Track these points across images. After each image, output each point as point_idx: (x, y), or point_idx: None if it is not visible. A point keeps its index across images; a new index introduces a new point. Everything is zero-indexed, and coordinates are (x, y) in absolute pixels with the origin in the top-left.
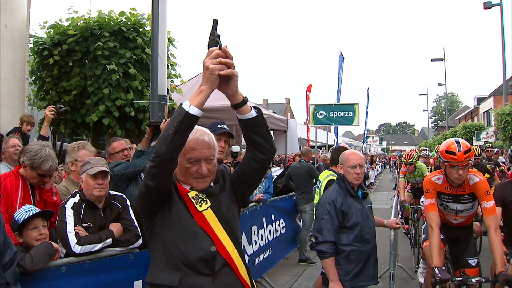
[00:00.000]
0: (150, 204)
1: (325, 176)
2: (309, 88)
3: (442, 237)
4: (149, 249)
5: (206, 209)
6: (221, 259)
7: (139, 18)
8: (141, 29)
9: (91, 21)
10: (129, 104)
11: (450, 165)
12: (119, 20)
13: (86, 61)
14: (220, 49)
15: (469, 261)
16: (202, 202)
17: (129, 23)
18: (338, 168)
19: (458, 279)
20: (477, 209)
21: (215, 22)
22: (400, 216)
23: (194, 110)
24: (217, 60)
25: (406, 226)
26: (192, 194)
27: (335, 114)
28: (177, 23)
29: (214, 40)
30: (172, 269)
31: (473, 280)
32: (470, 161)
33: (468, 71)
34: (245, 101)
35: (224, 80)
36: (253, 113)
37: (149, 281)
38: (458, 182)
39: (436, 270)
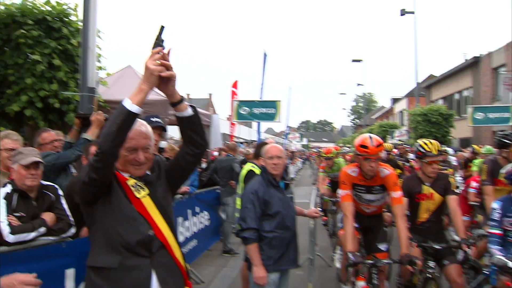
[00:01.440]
0: (92, 194)
1: (246, 168)
2: (235, 85)
3: (356, 225)
4: (90, 235)
5: (144, 196)
6: (158, 242)
7: (64, 7)
8: (66, 19)
9: (13, 7)
10: (53, 95)
11: (363, 158)
12: (43, 9)
13: (7, 49)
14: (161, 51)
15: (379, 247)
16: (140, 189)
17: (54, 12)
18: (260, 161)
19: (369, 262)
20: (388, 200)
21: (162, 28)
22: (319, 209)
23: (135, 108)
24: (158, 62)
25: (325, 217)
26: (131, 182)
27: (258, 110)
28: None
29: (158, 44)
30: (112, 252)
31: (383, 262)
32: (380, 155)
33: (386, 73)
34: (182, 100)
35: (163, 80)
36: (190, 111)
37: (90, 264)
38: (371, 174)
39: (350, 254)
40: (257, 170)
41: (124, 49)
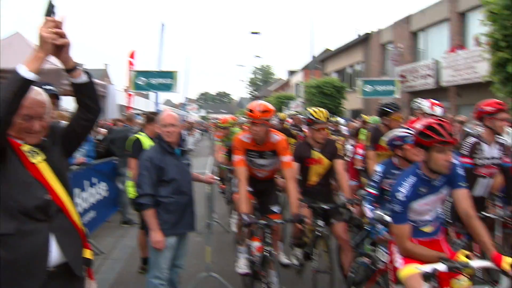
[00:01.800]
0: None
1: (133, 138)
2: (132, 55)
3: (250, 189)
4: None
5: (40, 162)
6: (55, 205)
7: None
8: None
9: None
10: None
11: (251, 122)
12: None
13: None
14: (54, 19)
15: (272, 209)
16: (35, 155)
17: None
18: (156, 128)
19: (263, 222)
20: (279, 165)
21: None
22: (217, 177)
23: (31, 76)
24: (52, 29)
25: (222, 186)
26: (25, 148)
27: (155, 80)
28: None
29: (50, 10)
30: (9, 219)
31: (275, 222)
32: (270, 121)
33: (283, 46)
34: (76, 66)
35: (57, 47)
36: (84, 78)
37: None
38: (256, 138)
39: (244, 215)
40: (144, 139)
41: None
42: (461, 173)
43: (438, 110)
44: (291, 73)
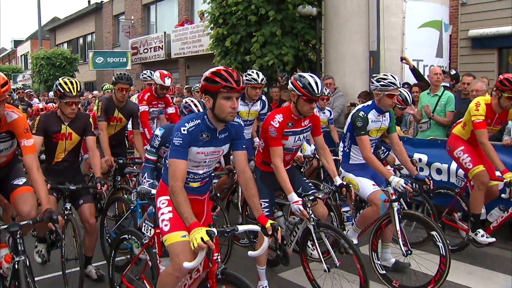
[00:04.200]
0: None
1: None
2: None
3: None
4: None
5: None
6: None
7: None
8: None
9: None
10: None
11: None
12: None
13: None
14: None
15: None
16: None
17: None
18: None
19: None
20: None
21: None
22: None
23: None
24: None
25: None
26: None
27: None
28: None
29: None
30: None
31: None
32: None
33: (6, 12)
34: None
35: None
36: None
37: None
38: None
39: None
40: None
41: None
42: (244, 136)
43: (167, 81)
44: (17, 43)
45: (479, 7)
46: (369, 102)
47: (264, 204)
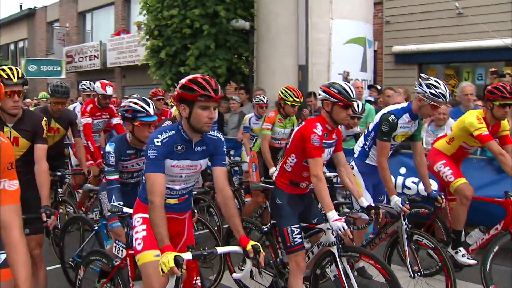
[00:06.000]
0: None
1: None
2: None
3: None
4: None
5: None
6: None
7: None
8: None
9: None
10: None
11: None
12: None
13: None
14: None
15: None
16: None
17: None
18: None
19: None
20: None
21: None
22: None
23: None
24: None
25: None
26: None
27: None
28: None
29: None
30: None
31: None
32: None
33: None
34: None
35: None
36: None
37: None
38: None
39: None
40: None
41: None
42: (224, 151)
43: (109, 90)
44: None
45: (402, 26)
46: (405, 104)
47: (296, 231)
